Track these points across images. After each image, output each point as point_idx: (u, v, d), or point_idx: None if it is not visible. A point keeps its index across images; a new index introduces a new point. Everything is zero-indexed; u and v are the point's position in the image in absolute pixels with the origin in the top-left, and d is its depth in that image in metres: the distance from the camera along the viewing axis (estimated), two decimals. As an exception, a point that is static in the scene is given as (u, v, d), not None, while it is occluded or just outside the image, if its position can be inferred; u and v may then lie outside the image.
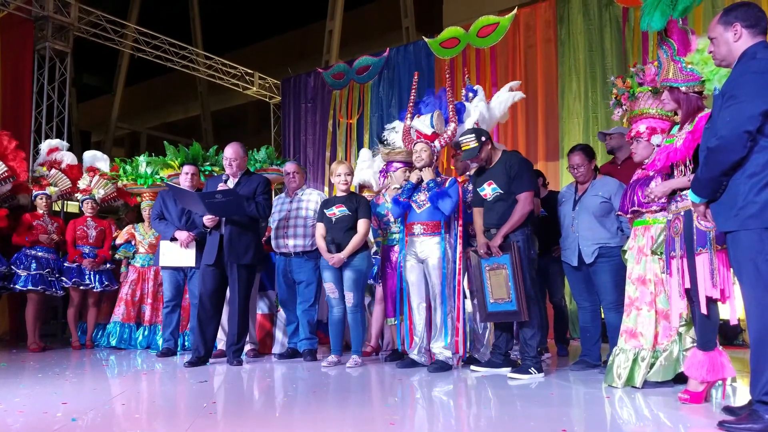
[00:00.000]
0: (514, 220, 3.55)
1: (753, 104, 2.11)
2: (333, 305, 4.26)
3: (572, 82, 6.65)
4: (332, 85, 9.09)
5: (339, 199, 4.28)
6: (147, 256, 5.56)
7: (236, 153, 4.29)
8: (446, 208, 3.80)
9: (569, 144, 6.57)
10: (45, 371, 4.01)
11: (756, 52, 2.20)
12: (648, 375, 3.06)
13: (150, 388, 3.55)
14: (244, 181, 4.28)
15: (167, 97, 16.66)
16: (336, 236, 4.17)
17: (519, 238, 3.57)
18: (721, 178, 2.22)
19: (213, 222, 4.17)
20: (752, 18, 2.26)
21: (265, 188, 4.30)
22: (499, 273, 3.58)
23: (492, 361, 3.81)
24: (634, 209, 3.22)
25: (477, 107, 4.29)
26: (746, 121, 2.12)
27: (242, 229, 4.19)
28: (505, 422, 2.45)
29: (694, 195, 2.37)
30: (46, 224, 5.49)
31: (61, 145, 6.22)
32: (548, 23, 6.96)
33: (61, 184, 5.91)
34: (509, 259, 3.52)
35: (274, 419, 2.56)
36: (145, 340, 5.46)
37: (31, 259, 5.33)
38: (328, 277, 4.22)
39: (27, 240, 5.35)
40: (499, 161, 3.73)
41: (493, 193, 3.67)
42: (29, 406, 2.76)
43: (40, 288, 5.29)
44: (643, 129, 3.26)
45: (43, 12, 7.85)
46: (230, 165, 4.27)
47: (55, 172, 5.94)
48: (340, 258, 4.10)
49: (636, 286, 3.20)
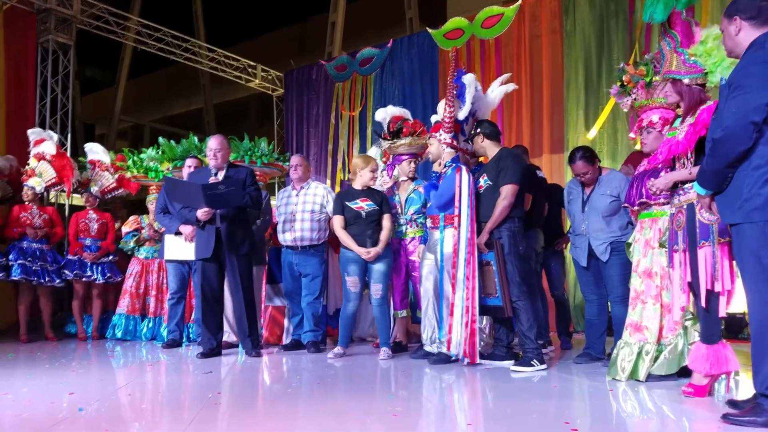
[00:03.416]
0: (495, 216, 3.61)
1: (759, 95, 2.09)
2: (350, 299, 4.22)
3: (578, 74, 6.61)
4: (335, 77, 9.06)
5: (362, 193, 4.25)
6: (151, 249, 5.59)
7: (221, 144, 4.26)
8: (434, 200, 3.84)
9: (574, 136, 6.56)
10: (52, 362, 4.04)
11: (765, 42, 2.17)
12: (652, 368, 3.06)
13: (155, 379, 3.58)
14: (231, 172, 4.26)
15: (170, 89, 16.64)
16: (368, 231, 4.16)
17: (504, 234, 3.63)
18: (726, 170, 2.20)
19: (207, 216, 4.14)
20: (753, 9, 2.23)
21: (253, 179, 4.31)
22: (488, 269, 3.66)
23: (495, 353, 3.82)
24: (642, 201, 3.21)
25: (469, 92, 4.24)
26: (752, 112, 2.10)
27: (238, 221, 4.21)
28: (507, 415, 2.46)
29: (700, 187, 2.36)
30: (33, 216, 5.51)
31: (47, 136, 6.07)
32: (554, 14, 6.91)
33: (46, 175, 5.81)
34: (494, 256, 3.61)
35: (278, 410, 2.57)
36: (150, 332, 5.50)
37: (20, 251, 5.36)
38: (353, 270, 4.17)
39: (15, 231, 5.38)
40: (494, 157, 3.80)
41: (485, 185, 3.74)
42: (37, 395, 2.79)
43: (33, 279, 5.32)
44: (657, 119, 3.24)
45: (46, 4, 7.83)
46: (215, 156, 4.23)
47: (41, 164, 5.85)
48: (378, 252, 4.12)
49: (642, 279, 3.20)
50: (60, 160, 5.87)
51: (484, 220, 3.69)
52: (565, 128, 6.67)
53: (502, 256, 3.60)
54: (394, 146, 4.51)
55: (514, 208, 3.65)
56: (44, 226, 5.54)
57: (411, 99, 7.94)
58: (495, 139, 3.85)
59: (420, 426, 2.34)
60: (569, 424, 2.20)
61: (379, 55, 8.56)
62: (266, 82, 11.06)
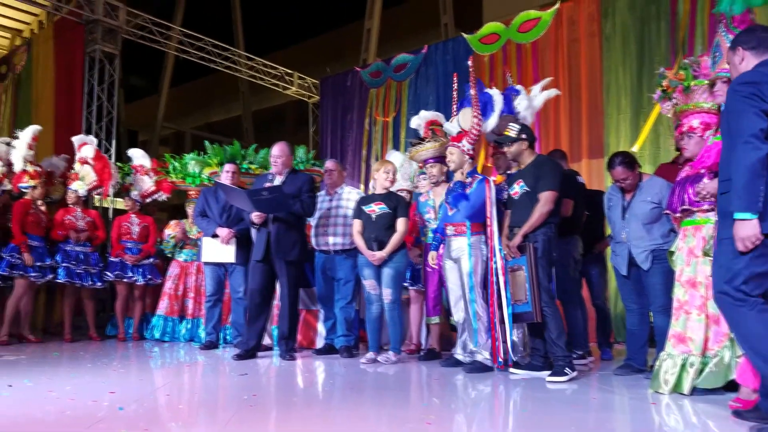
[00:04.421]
0: (533, 220, 3.55)
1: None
2: (372, 302, 4.28)
3: (618, 77, 6.47)
4: (369, 83, 9.10)
5: (378, 197, 4.29)
6: (190, 252, 5.72)
7: (282, 151, 4.36)
8: (463, 210, 3.80)
9: (614, 141, 6.41)
10: (94, 361, 4.16)
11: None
12: (697, 381, 2.94)
13: (193, 379, 3.64)
14: (289, 179, 4.34)
15: (210, 97, 17.02)
16: (376, 234, 4.18)
17: (538, 239, 3.57)
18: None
19: (261, 219, 4.24)
20: (754, 40, 2.32)
21: (311, 186, 4.35)
22: (519, 274, 3.61)
23: (532, 363, 3.74)
24: (685, 208, 3.10)
25: (520, 104, 4.24)
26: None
27: (288, 226, 4.26)
28: (544, 426, 2.40)
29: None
30: (77, 219, 5.69)
31: (88, 140, 6.25)
32: (592, 17, 6.79)
33: (87, 178, 5.99)
34: (526, 260, 3.54)
35: (312, 414, 2.58)
36: (188, 333, 5.62)
37: (65, 254, 5.54)
38: (368, 274, 4.24)
39: (60, 235, 5.57)
40: (531, 163, 3.75)
41: (521, 191, 3.68)
42: (79, 394, 2.86)
43: (77, 282, 5.50)
44: (697, 124, 3.13)
45: (93, 15, 8.13)
46: (275, 163, 4.35)
47: (84, 167, 6.03)
48: (382, 256, 4.12)
49: (685, 288, 3.08)
50: (99, 162, 6.04)
51: (517, 226, 3.64)
52: (604, 133, 6.53)
53: (534, 261, 3.54)
54: (418, 151, 4.50)
55: (551, 214, 3.60)
56: (87, 228, 5.71)
57: (446, 104, 7.87)
58: (533, 145, 3.82)
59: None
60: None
61: (413, 61, 8.56)
62: (303, 89, 11.21)
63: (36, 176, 5.59)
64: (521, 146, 3.74)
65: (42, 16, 9.54)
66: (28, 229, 5.35)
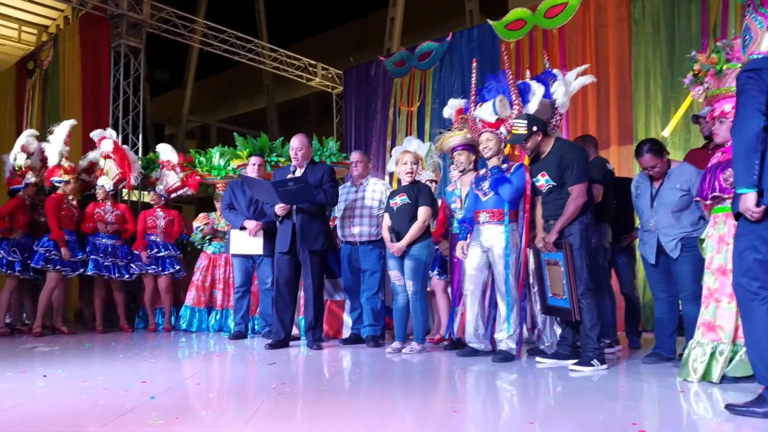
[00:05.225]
0: (567, 216, 3.47)
1: None
2: (398, 292, 4.29)
3: (647, 62, 6.33)
4: (393, 72, 9.06)
5: (402, 189, 4.29)
6: (218, 244, 5.81)
7: (301, 143, 4.38)
8: (505, 194, 3.73)
9: (642, 127, 6.29)
10: (125, 352, 4.27)
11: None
12: (726, 370, 2.89)
13: (222, 369, 3.71)
14: (309, 170, 4.37)
15: (234, 90, 17.15)
16: (397, 225, 4.18)
17: (575, 230, 3.48)
18: None
19: (284, 210, 4.28)
20: None
21: (331, 176, 4.37)
22: (556, 269, 3.54)
23: (559, 352, 3.72)
24: (716, 195, 3.03)
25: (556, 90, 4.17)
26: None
27: (312, 217, 4.29)
28: (572, 414, 2.39)
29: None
30: (106, 212, 5.80)
31: (107, 134, 6.31)
32: (620, 2, 6.65)
33: (111, 173, 6.07)
34: (562, 256, 3.47)
35: (339, 403, 2.61)
36: (217, 324, 5.72)
37: (93, 246, 5.67)
38: (393, 265, 4.26)
39: (89, 227, 5.69)
40: (551, 151, 3.63)
41: (547, 185, 3.60)
42: (111, 383, 2.94)
43: (105, 274, 5.63)
44: (729, 108, 3.04)
45: (118, 10, 8.23)
46: (296, 156, 4.38)
47: (108, 162, 6.12)
48: (400, 247, 4.12)
49: (716, 276, 3.02)
50: (117, 154, 6.11)
51: (549, 219, 3.58)
52: (633, 119, 6.40)
53: (570, 255, 3.45)
54: (446, 138, 4.47)
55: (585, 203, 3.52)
56: (116, 222, 5.84)
57: (469, 95, 7.83)
58: (546, 132, 3.72)
59: (481, 423, 2.31)
60: (636, 425, 2.11)
61: (438, 49, 8.49)
62: (326, 80, 11.21)
63: (70, 171, 5.72)
64: (536, 138, 3.64)
65: (67, 11, 9.71)
66: (62, 224, 5.49)
